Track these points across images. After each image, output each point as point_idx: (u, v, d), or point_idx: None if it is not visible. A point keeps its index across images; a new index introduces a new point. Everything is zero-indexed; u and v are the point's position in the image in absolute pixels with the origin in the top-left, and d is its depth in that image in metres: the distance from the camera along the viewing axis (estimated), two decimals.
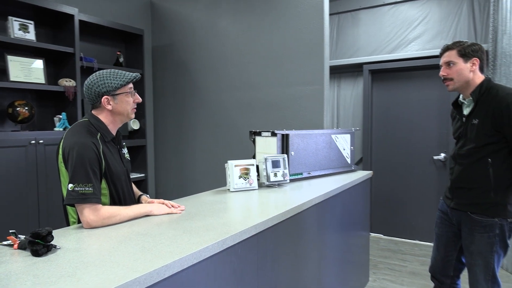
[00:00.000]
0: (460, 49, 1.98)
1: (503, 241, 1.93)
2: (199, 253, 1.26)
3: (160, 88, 4.64)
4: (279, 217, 1.76)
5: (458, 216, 2.09)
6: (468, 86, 2.01)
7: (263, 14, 3.79)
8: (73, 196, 1.51)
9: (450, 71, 2.02)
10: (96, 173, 1.59)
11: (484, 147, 1.93)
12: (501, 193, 1.92)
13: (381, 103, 4.81)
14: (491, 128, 1.89)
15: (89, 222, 1.51)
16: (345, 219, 2.67)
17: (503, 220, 1.92)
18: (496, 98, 1.89)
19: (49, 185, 3.08)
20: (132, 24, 4.32)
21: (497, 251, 1.93)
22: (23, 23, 3.12)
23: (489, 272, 1.94)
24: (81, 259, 1.18)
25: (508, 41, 3.67)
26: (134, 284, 1.02)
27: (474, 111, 1.98)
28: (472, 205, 2.00)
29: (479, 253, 1.96)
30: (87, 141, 1.61)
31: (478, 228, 1.96)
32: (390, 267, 3.87)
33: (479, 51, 1.98)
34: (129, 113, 1.76)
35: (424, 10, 4.46)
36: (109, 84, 1.68)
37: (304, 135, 2.79)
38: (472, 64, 1.97)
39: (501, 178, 1.92)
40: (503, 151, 1.91)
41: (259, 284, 1.64)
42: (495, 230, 1.92)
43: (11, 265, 1.14)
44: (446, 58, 2.03)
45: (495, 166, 1.91)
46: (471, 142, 1.98)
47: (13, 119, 3.09)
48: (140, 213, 1.67)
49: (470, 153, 1.99)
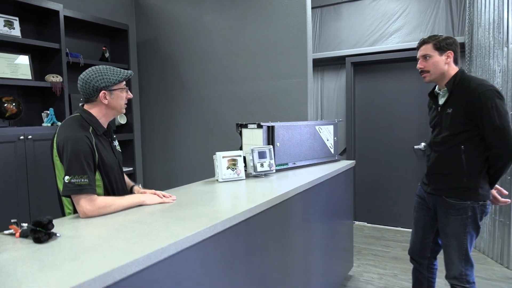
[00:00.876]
0: (435, 43, 2.09)
1: (475, 223, 2.07)
2: (192, 237, 1.35)
3: (146, 83, 4.68)
4: (266, 204, 1.86)
5: (434, 200, 2.22)
6: (444, 78, 2.12)
7: (248, 9, 3.86)
8: (70, 188, 1.58)
9: (427, 63, 2.12)
10: (90, 165, 1.67)
11: (458, 135, 2.04)
12: (473, 178, 2.04)
13: (363, 95, 4.94)
14: (464, 117, 2.01)
15: (86, 212, 1.59)
16: (329, 206, 2.79)
17: (474, 203, 2.04)
18: (469, 89, 2.00)
19: (39, 180, 3.12)
20: (116, 19, 4.34)
21: (469, 232, 2.06)
22: (8, 19, 3.13)
23: (463, 252, 2.07)
24: (82, 245, 1.26)
25: (483, 33, 3.82)
26: (134, 265, 1.11)
27: (449, 101, 2.10)
28: (446, 190, 2.12)
29: (453, 234, 2.10)
30: (81, 135, 1.68)
31: (452, 211, 2.09)
32: (374, 253, 4.03)
33: (453, 44, 2.09)
34: (122, 107, 1.84)
35: (404, 3, 4.60)
36: (108, 80, 1.76)
37: (289, 127, 2.89)
38: (447, 57, 2.09)
39: (473, 164, 2.04)
40: (475, 139, 2.02)
41: (249, 267, 1.74)
42: (467, 213, 2.05)
43: (16, 252, 1.21)
44: (422, 51, 2.14)
45: (467, 153, 2.03)
46: (446, 130, 2.10)
47: (1, 116, 3.10)
48: (133, 203, 1.75)
49: (444, 140, 2.11)
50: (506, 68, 3.47)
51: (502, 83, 3.53)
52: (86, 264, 1.08)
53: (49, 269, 1.05)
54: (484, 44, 3.81)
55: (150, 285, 1.18)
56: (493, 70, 3.66)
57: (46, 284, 0.95)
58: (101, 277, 1.01)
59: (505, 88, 3.49)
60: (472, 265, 2.11)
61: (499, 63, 3.58)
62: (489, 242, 3.80)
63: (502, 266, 3.58)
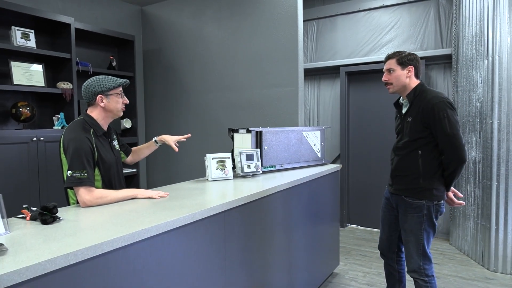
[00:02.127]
0: (398, 58, 2.33)
1: (431, 221, 2.28)
2: (172, 222, 1.60)
3: (150, 90, 4.99)
4: (245, 199, 2.11)
5: (396, 199, 2.44)
6: (405, 89, 2.36)
7: (243, 22, 4.14)
8: (71, 180, 1.87)
9: (390, 76, 2.37)
10: (90, 162, 1.95)
11: (416, 141, 2.28)
12: (428, 180, 2.26)
13: (357, 103, 5.17)
14: (421, 125, 2.24)
15: (85, 201, 1.87)
16: (313, 206, 3.02)
17: (429, 202, 2.26)
18: (425, 100, 2.24)
19: (48, 177, 3.42)
20: (124, 30, 4.66)
21: (425, 229, 2.28)
22: (25, 32, 3.45)
23: (420, 247, 2.29)
24: (80, 226, 1.53)
25: (467, 46, 4.04)
26: (120, 240, 1.37)
27: (409, 110, 2.34)
28: (406, 190, 2.35)
29: (411, 231, 2.32)
30: (82, 137, 1.98)
31: (410, 209, 2.31)
32: (362, 254, 4.23)
33: (414, 60, 2.33)
34: (118, 110, 2.13)
35: (395, 16, 4.83)
36: (104, 85, 2.07)
37: (276, 132, 3.14)
38: (408, 71, 2.33)
39: (428, 167, 2.26)
40: (430, 145, 2.25)
41: (226, 254, 1.99)
42: (423, 211, 2.26)
43: (26, 230, 1.48)
44: (387, 65, 2.39)
45: (423, 157, 2.27)
46: (406, 136, 2.34)
47: (16, 119, 3.42)
48: (127, 195, 2.02)
49: (405, 146, 2.35)
50: (487, 79, 3.68)
51: (483, 93, 3.74)
52: (82, 239, 1.34)
53: (52, 241, 1.32)
54: (468, 56, 4.02)
55: (134, 259, 1.44)
56: (476, 81, 3.86)
57: (49, 251, 1.22)
58: (92, 247, 1.27)
59: (485, 98, 3.69)
60: (430, 260, 2.32)
61: (480, 74, 3.79)
62: (472, 244, 3.98)
63: (483, 267, 3.75)
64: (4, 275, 1.04)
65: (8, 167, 3.16)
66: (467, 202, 4.06)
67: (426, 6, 4.64)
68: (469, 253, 4.04)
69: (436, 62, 4.66)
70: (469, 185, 4.04)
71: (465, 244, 4.13)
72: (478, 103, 3.84)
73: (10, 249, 1.23)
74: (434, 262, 3.87)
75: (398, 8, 4.81)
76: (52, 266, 1.16)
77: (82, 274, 1.26)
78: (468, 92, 4.04)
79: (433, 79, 4.71)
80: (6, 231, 1.42)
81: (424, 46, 4.67)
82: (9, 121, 3.54)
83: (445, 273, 3.63)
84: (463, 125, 4.16)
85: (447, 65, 4.60)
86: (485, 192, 3.74)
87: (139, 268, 1.46)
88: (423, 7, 4.66)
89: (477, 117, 3.86)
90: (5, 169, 3.14)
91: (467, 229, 4.08)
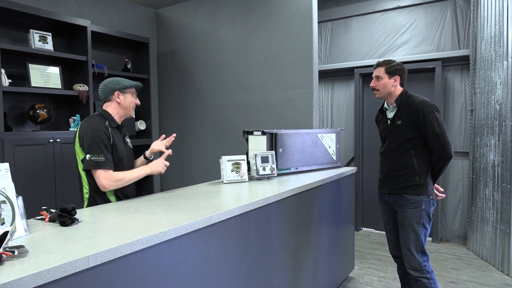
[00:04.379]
0: (386, 67, 2.53)
1: (428, 215, 2.44)
2: (189, 225, 1.59)
3: (164, 92, 5.01)
4: (261, 202, 2.09)
5: (394, 198, 2.56)
6: (391, 96, 2.55)
7: (258, 24, 4.13)
8: (90, 164, 2.01)
9: (378, 83, 2.56)
10: (107, 147, 2.08)
11: (408, 142, 2.45)
12: (423, 176, 2.44)
13: (372, 105, 5.12)
14: (411, 127, 2.42)
15: (104, 184, 2.01)
16: (328, 209, 2.99)
17: (426, 197, 2.43)
18: (413, 105, 2.43)
19: (64, 177, 3.45)
20: (138, 33, 4.70)
21: (423, 223, 2.43)
22: (43, 35, 3.50)
23: (419, 244, 2.43)
24: (98, 228, 1.53)
25: (485, 47, 3.96)
26: (139, 243, 1.36)
27: (397, 115, 2.51)
28: (404, 187, 2.48)
29: (410, 226, 2.44)
30: (99, 125, 2.13)
31: (409, 205, 2.45)
32: (377, 258, 4.18)
33: (400, 70, 2.53)
34: (130, 109, 2.29)
35: (411, 17, 4.77)
36: (121, 84, 2.27)
37: (291, 134, 3.12)
38: (394, 80, 2.52)
39: (422, 164, 2.44)
40: (420, 144, 2.43)
41: (242, 255, 1.97)
42: (422, 205, 2.42)
43: (46, 231, 1.49)
44: (376, 73, 2.57)
45: (417, 155, 2.44)
46: (397, 139, 2.49)
47: (34, 120, 3.46)
48: (142, 174, 2.17)
49: (397, 147, 2.51)
50: (506, 81, 3.60)
51: (502, 95, 3.66)
52: (101, 241, 1.34)
53: (71, 243, 1.32)
54: (486, 57, 3.95)
55: (152, 262, 1.44)
56: (494, 82, 3.79)
57: (68, 253, 1.21)
58: (112, 250, 1.27)
59: (505, 100, 3.61)
60: (427, 256, 2.47)
61: (499, 75, 3.71)
62: (490, 249, 3.89)
63: (503, 273, 3.67)
64: (26, 278, 1.04)
65: (26, 169, 3.20)
66: (486, 206, 3.97)
67: (442, 7, 4.57)
68: (488, 259, 3.95)
69: (453, 64, 4.58)
70: (487, 188, 3.95)
71: (483, 249, 4.04)
72: (497, 105, 3.76)
73: (31, 251, 1.24)
74: (451, 268, 3.82)
75: (413, 9, 4.75)
76: (72, 268, 1.16)
77: (101, 277, 1.25)
78: (486, 94, 3.96)
79: (450, 80, 4.63)
80: (26, 232, 1.43)
81: (440, 47, 4.60)
82: (26, 122, 3.58)
83: (463, 278, 3.55)
84: (481, 128, 4.08)
85: (465, 66, 4.52)
86: (504, 196, 3.66)
87: (157, 271, 1.46)
88: (440, 8, 4.59)
89: (496, 119, 3.78)
90: (23, 170, 3.18)
91: (485, 234, 3.99)
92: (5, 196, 1.38)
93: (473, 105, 4.32)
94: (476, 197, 4.20)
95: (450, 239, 4.67)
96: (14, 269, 1.08)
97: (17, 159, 3.14)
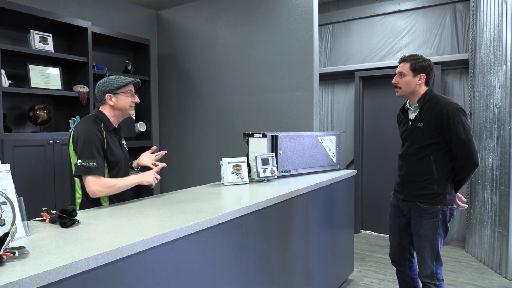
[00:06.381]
0: (412, 64, 2.30)
1: (445, 225, 2.29)
2: (190, 227, 1.59)
3: (165, 93, 5.02)
4: (262, 204, 2.09)
5: (408, 206, 2.40)
6: (414, 95, 2.34)
7: (259, 26, 4.14)
8: (81, 169, 1.92)
9: (401, 80, 2.34)
10: (100, 152, 1.99)
11: (428, 146, 2.26)
12: (442, 185, 2.25)
13: (371, 108, 5.13)
14: (434, 131, 2.22)
15: (94, 191, 1.92)
16: (328, 212, 3.00)
17: (444, 207, 2.26)
18: (438, 106, 2.22)
19: (64, 178, 3.45)
20: (139, 34, 4.70)
21: (440, 233, 2.28)
22: (43, 35, 3.50)
23: (435, 252, 2.28)
24: (99, 229, 1.53)
25: (484, 51, 3.98)
26: (140, 244, 1.36)
27: (419, 116, 2.30)
28: (419, 196, 2.31)
29: (426, 236, 2.29)
30: (93, 128, 2.04)
31: (425, 215, 2.29)
32: (376, 260, 4.18)
33: (427, 68, 2.30)
34: (127, 109, 2.16)
35: (411, 21, 4.79)
36: (112, 85, 2.12)
37: (292, 137, 3.12)
38: (419, 79, 2.30)
39: (442, 172, 2.25)
40: (442, 150, 2.24)
41: (243, 258, 1.97)
42: (438, 216, 2.25)
43: (46, 233, 1.48)
44: (399, 68, 2.35)
45: (437, 162, 2.25)
46: (417, 143, 2.30)
47: (33, 121, 3.46)
48: (133, 182, 2.08)
49: (416, 151, 2.31)
50: (505, 85, 3.62)
51: (501, 99, 3.67)
52: (102, 243, 1.34)
53: (72, 245, 1.32)
54: (485, 61, 3.96)
55: (153, 263, 1.44)
56: (493, 86, 3.80)
57: (69, 255, 1.21)
58: (113, 251, 1.27)
59: (503, 104, 3.62)
60: (441, 264, 2.33)
61: (498, 79, 3.72)
62: (489, 252, 3.89)
63: (501, 276, 3.67)
64: (27, 279, 1.04)
65: (25, 169, 3.20)
66: (484, 209, 3.98)
67: (442, 11, 4.59)
68: (486, 261, 3.96)
69: (452, 67, 4.60)
70: (486, 192, 3.96)
71: (481, 251, 4.05)
72: (495, 108, 3.77)
73: (31, 252, 1.24)
74: (450, 270, 3.82)
75: (413, 13, 4.76)
76: (73, 270, 1.16)
77: (102, 278, 1.25)
78: (485, 98, 3.97)
79: (449, 84, 4.65)
80: (26, 233, 1.43)
81: (440, 51, 4.62)
82: (26, 123, 3.58)
83: (462, 281, 3.56)
84: (480, 131, 4.09)
85: (464, 70, 4.54)
86: (502, 199, 3.67)
87: (158, 272, 1.46)
88: (439, 12, 4.61)
89: (495, 123, 3.79)
90: (22, 171, 3.18)
91: (483, 237, 4.00)
92: (5, 197, 1.38)
93: (472, 108, 4.33)
94: (474, 200, 4.21)
95: (448, 242, 4.67)
96: (15, 270, 1.08)
97: (16, 160, 3.14)
